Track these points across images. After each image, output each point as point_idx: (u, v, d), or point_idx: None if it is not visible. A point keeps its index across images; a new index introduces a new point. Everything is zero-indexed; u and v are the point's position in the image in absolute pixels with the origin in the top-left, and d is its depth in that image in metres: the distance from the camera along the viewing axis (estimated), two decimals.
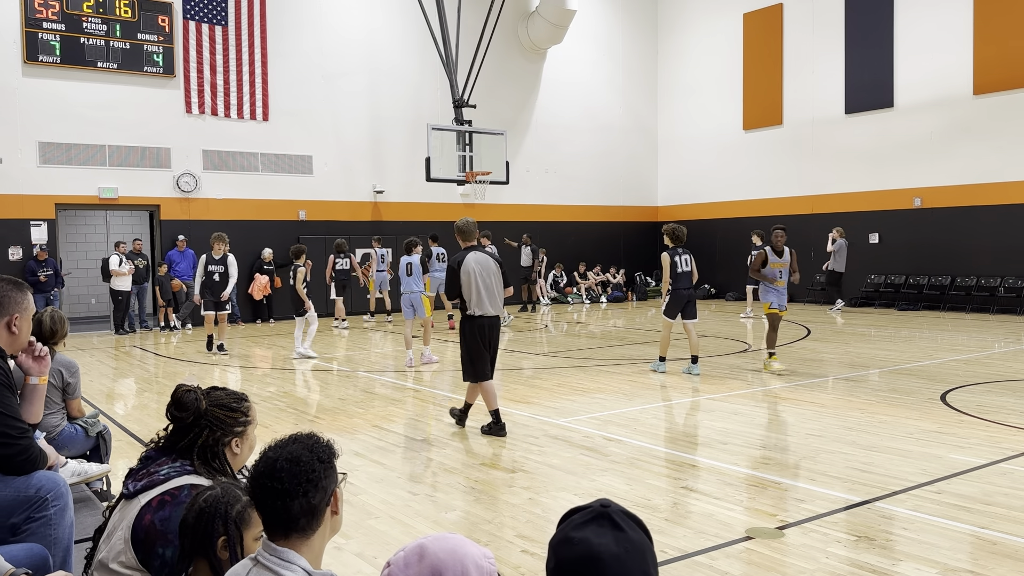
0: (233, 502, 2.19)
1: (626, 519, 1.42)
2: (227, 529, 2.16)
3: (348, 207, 19.43)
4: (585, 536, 1.38)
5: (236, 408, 2.56)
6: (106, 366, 11.90)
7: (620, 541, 1.37)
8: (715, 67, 23.13)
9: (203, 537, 2.16)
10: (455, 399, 8.72)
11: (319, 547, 2.01)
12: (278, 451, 1.97)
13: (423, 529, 4.63)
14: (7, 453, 2.98)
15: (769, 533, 4.44)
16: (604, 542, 1.37)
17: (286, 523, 1.94)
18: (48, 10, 15.77)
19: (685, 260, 10.01)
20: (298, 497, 1.92)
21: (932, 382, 9.06)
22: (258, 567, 1.93)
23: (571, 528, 1.41)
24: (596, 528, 1.39)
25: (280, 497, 1.92)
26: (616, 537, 1.38)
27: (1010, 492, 5.08)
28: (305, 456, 1.96)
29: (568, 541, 1.39)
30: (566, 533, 1.40)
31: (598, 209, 23.59)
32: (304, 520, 1.95)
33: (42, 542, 2.92)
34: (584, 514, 1.42)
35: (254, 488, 1.96)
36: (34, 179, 15.88)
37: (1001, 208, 17.25)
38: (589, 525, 1.40)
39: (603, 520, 1.40)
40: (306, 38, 18.80)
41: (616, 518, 1.41)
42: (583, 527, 1.40)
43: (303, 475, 1.93)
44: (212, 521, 2.16)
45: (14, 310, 3.15)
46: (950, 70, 17.95)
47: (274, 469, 1.93)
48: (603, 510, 1.42)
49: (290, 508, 1.92)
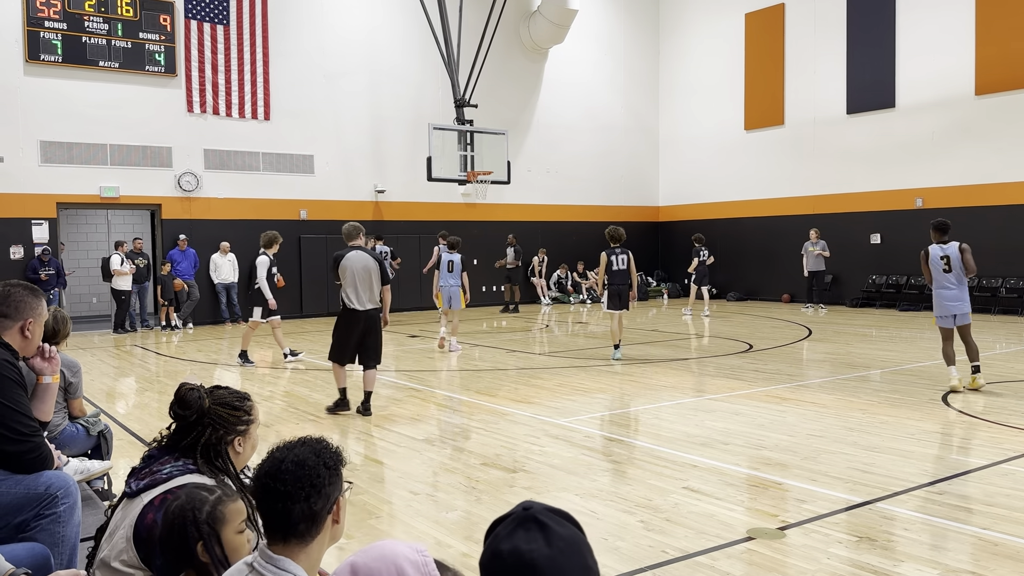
0: (200, 505, 2.16)
1: (552, 516, 1.34)
2: (200, 532, 2.13)
3: (349, 207, 19.43)
4: (514, 545, 1.29)
5: (239, 407, 2.57)
6: (107, 365, 11.91)
7: (551, 540, 1.29)
8: (716, 67, 23.12)
9: (181, 549, 2.13)
10: (455, 399, 8.73)
11: (317, 556, 1.98)
12: (285, 452, 1.96)
13: (424, 529, 4.63)
14: (19, 450, 3.03)
15: (770, 533, 4.44)
16: (535, 547, 1.28)
17: (285, 527, 1.92)
18: (50, 9, 15.77)
19: (621, 259, 11.11)
20: (300, 501, 1.90)
21: (934, 383, 9.05)
22: (253, 574, 1.91)
23: (498, 541, 1.31)
24: (524, 534, 1.30)
25: (282, 499, 1.90)
26: (546, 538, 1.29)
27: (1011, 493, 5.07)
28: (311, 460, 1.94)
29: (497, 556, 1.29)
30: (494, 547, 1.31)
31: (599, 209, 23.58)
32: (304, 526, 1.92)
33: (50, 540, 2.95)
34: (508, 523, 1.33)
35: (257, 488, 1.94)
36: (35, 178, 15.89)
37: (1003, 209, 17.23)
38: (516, 533, 1.31)
39: (529, 524, 1.31)
40: (307, 37, 18.80)
41: (542, 518, 1.32)
42: (510, 537, 1.31)
43: (307, 479, 1.91)
44: (184, 529, 2.13)
45: (28, 315, 3.27)
46: (952, 70, 17.94)
47: (279, 471, 1.92)
48: (526, 513, 1.33)
49: (291, 512, 1.90)
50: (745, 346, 12.59)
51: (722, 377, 9.84)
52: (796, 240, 21.13)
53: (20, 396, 3.10)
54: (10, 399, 3.03)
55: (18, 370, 3.15)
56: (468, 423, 7.48)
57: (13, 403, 3.04)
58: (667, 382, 9.53)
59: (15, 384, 3.09)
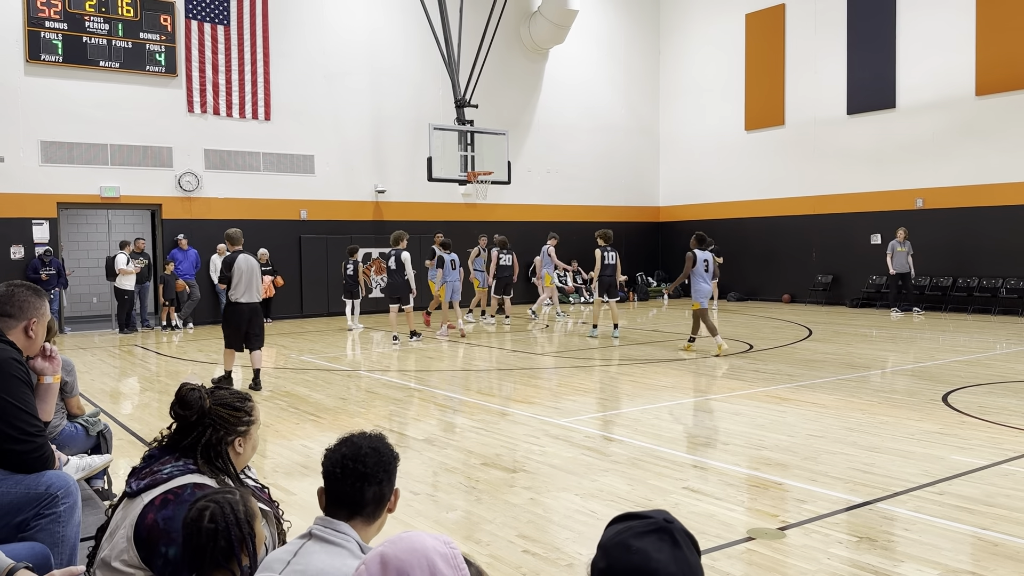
0: (235, 505, 2.14)
1: (686, 539, 1.37)
2: (243, 531, 2.12)
3: (350, 207, 19.43)
4: (644, 547, 1.33)
5: (240, 408, 2.56)
6: (108, 365, 11.91)
7: (678, 560, 1.33)
8: (717, 67, 23.12)
9: (227, 551, 2.10)
10: (455, 399, 8.74)
11: (369, 539, 2.10)
12: (361, 439, 2.14)
13: (424, 529, 4.63)
14: (23, 449, 3.03)
15: (770, 534, 4.44)
16: (662, 558, 1.32)
17: (355, 505, 2.07)
18: (50, 9, 15.77)
19: (611, 256, 13.67)
20: (374, 484, 2.09)
21: (934, 383, 9.05)
22: (313, 539, 2.01)
23: (630, 535, 1.35)
24: (656, 541, 1.34)
25: (361, 479, 2.07)
26: (675, 555, 1.33)
27: (1012, 493, 5.07)
28: (385, 449, 2.15)
29: (626, 547, 1.34)
30: (624, 539, 1.35)
31: (600, 209, 23.58)
32: (371, 507, 2.09)
33: (50, 539, 2.95)
34: (645, 523, 1.37)
35: (335, 467, 2.07)
36: (36, 178, 15.89)
37: (1003, 209, 17.23)
38: (649, 536, 1.35)
39: (664, 535, 1.35)
40: (308, 38, 18.80)
41: (677, 536, 1.36)
42: (642, 537, 1.34)
43: (383, 465, 2.11)
44: (228, 532, 2.10)
45: (32, 314, 3.28)
46: (952, 71, 17.93)
47: (360, 453, 2.09)
48: (666, 525, 1.37)
49: (365, 492, 2.07)
50: (745, 346, 12.59)
51: (722, 377, 9.84)
52: (796, 240, 21.18)
53: (27, 395, 3.10)
54: (17, 398, 3.03)
55: (25, 369, 3.14)
56: (468, 423, 7.48)
57: (20, 402, 3.04)
58: (667, 382, 9.54)
59: (22, 383, 3.08)
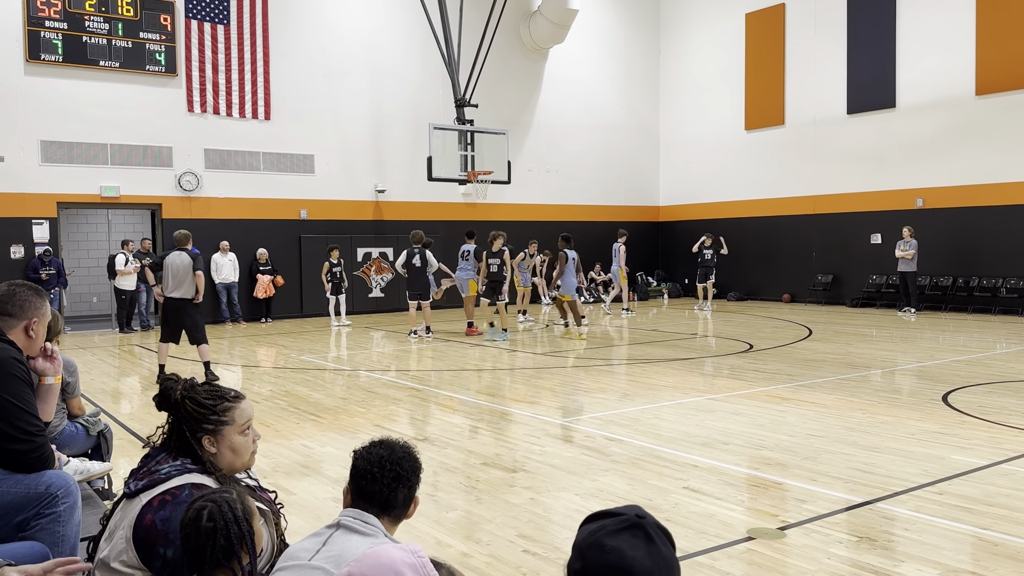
0: (233, 504, 2.13)
1: (660, 533, 1.37)
2: (241, 529, 2.11)
3: (350, 206, 19.43)
4: (618, 545, 1.32)
5: (207, 406, 2.48)
6: (108, 364, 11.91)
7: (653, 556, 1.32)
8: (717, 67, 23.11)
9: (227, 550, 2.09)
10: (455, 399, 8.74)
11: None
12: (393, 444, 2.25)
13: (424, 529, 4.63)
14: (24, 449, 3.02)
15: (770, 534, 4.44)
16: (637, 555, 1.31)
17: (386, 504, 2.16)
18: (50, 9, 15.77)
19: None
20: (407, 487, 2.19)
21: (934, 383, 9.05)
22: (341, 530, 2.07)
23: (604, 534, 1.35)
24: (630, 538, 1.34)
25: (396, 480, 2.17)
26: (649, 551, 1.32)
27: (1012, 493, 5.07)
28: (415, 455, 2.28)
29: (600, 547, 1.33)
30: (598, 538, 1.35)
31: (600, 209, 23.58)
32: (400, 509, 2.19)
33: (50, 539, 2.95)
34: (618, 521, 1.37)
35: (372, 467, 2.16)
36: (36, 178, 15.89)
37: (1003, 209, 17.23)
38: (622, 534, 1.34)
39: (638, 531, 1.35)
40: (308, 37, 18.80)
41: (651, 531, 1.35)
42: (616, 535, 1.34)
43: (415, 470, 2.24)
44: (227, 530, 2.09)
45: (32, 314, 3.28)
46: (952, 70, 17.93)
47: (396, 456, 2.20)
48: (639, 520, 1.36)
49: (397, 493, 2.17)
50: (745, 346, 12.58)
51: (722, 377, 9.84)
52: (797, 240, 21.18)
53: (28, 395, 3.09)
54: (18, 397, 3.03)
55: (26, 369, 3.14)
56: (468, 423, 7.48)
57: (21, 402, 3.03)
58: (667, 382, 9.53)
59: (23, 383, 3.08)
